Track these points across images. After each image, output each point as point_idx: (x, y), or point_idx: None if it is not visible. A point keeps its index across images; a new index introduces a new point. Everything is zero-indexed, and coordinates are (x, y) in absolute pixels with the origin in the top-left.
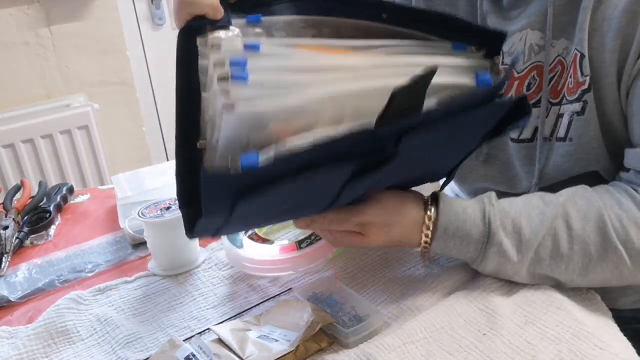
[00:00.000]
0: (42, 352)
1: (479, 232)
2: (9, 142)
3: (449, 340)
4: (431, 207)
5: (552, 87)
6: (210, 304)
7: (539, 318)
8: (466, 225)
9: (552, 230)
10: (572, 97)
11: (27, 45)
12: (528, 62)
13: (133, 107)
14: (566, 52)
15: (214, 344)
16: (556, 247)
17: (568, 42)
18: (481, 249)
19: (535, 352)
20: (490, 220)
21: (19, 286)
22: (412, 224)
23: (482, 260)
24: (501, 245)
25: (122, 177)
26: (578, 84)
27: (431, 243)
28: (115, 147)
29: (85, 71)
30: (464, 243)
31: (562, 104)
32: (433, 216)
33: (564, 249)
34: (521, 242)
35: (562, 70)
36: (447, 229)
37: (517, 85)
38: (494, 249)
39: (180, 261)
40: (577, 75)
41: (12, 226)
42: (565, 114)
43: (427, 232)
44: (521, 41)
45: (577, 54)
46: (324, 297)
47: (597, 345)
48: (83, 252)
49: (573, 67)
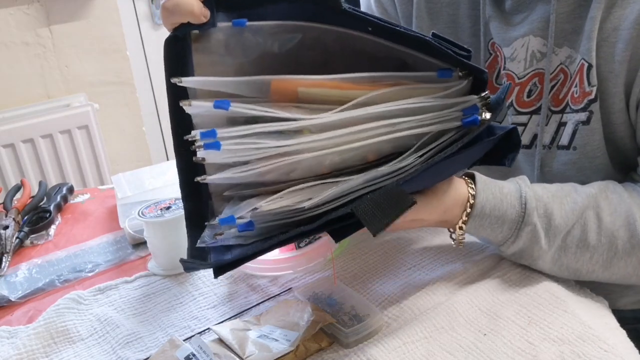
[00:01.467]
0: (42, 351)
1: (515, 213)
2: (9, 142)
3: (449, 340)
4: (471, 184)
5: (554, 95)
6: (211, 304)
7: (543, 319)
8: (503, 204)
9: (582, 219)
10: (578, 106)
11: (27, 45)
12: (530, 68)
13: (133, 107)
14: (569, 61)
15: (214, 343)
16: (584, 237)
17: (571, 51)
18: (515, 229)
19: (537, 352)
20: (527, 201)
21: (19, 286)
22: (460, 200)
23: (514, 241)
24: (535, 227)
25: (122, 177)
26: (584, 93)
27: (467, 222)
28: (115, 147)
29: (85, 71)
30: (499, 222)
31: (566, 112)
32: (473, 194)
33: (591, 239)
34: (550, 227)
35: (564, 79)
36: (484, 207)
37: (518, 91)
38: (528, 228)
39: None
40: (583, 85)
41: (12, 226)
42: (570, 123)
43: (467, 211)
44: (523, 47)
45: (585, 64)
46: (324, 297)
47: (601, 348)
48: (83, 252)
49: (579, 76)
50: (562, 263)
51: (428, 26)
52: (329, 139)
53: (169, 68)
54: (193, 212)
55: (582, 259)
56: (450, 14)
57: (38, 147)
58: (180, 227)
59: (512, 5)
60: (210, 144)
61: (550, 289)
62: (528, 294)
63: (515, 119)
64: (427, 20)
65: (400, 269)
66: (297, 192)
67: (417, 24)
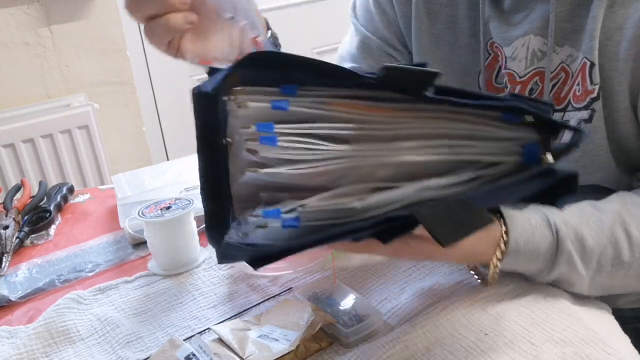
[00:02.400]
0: (43, 351)
1: (548, 242)
2: (9, 142)
3: (449, 339)
4: (502, 221)
5: (555, 93)
6: (211, 304)
7: (546, 321)
8: (535, 236)
9: (612, 238)
10: (580, 104)
11: (27, 45)
12: (530, 67)
13: (133, 106)
14: (570, 60)
15: (214, 343)
16: (617, 255)
17: (572, 50)
18: (550, 259)
19: (538, 352)
20: (558, 229)
21: (19, 286)
22: (491, 239)
23: (550, 272)
24: (570, 254)
25: (122, 177)
26: (587, 92)
27: (503, 259)
28: (116, 147)
29: (86, 71)
30: (534, 255)
31: (567, 110)
32: (505, 230)
33: (625, 256)
34: (585, 251)
35: (565, 78)
36: (518, 243)
37: (519, 90)
38: (563, 257)
39: (181, 261)
40: (585, 83)
41: (12, 226)
42: (572, 121)
43: (502, 248)
44: (524, 46)
45: (587, 62)
46: (324, 297)
47: (604, 351)
48: (83, 251)
49: (582, 75)
50: (597, 283)
51: (427, 26)
52: (388, 150)
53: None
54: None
55: (617, 276)
56: (449, 15)
57: (38, 147)
58: (180, 227)
59: (512, 4)
60: (267, 137)
61: (555, 292)
62: (532, 295)
63: None
64: (426, 20)
65: (400, 268)
66: (348, 193)
67: (416, 25)
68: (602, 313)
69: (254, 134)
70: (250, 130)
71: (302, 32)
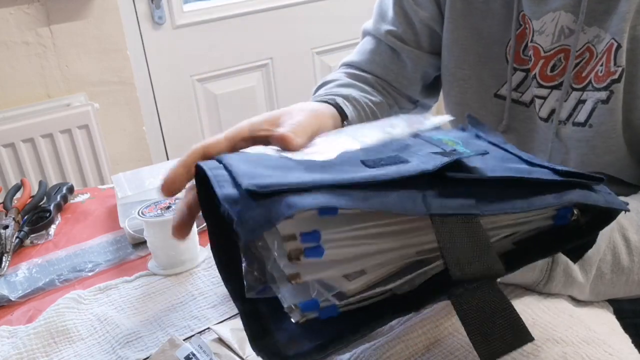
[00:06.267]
0: (42, 351)
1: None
2: (9, 142)
3: (449, 339)
4: None
5: (577, 72)
6: (211, 303)
7: (548, 322)
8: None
9: (611, 244)
10: (600, 85)
11: (27, 45)
12: (556, 43)
13: (133, 106)
14: (597, 40)
15: (214, 343)
16: (617, 261)
17: (600, 31)
18: (547, 270)
19: (539, 352)
20: None
21: (19, 285)
22: None
23: (547, 283)
24: (567, 264)
25: (122, 177)
26: (609, 73)
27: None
28: (116, 146)
29: (86, 70)
30: (530, 266)
31: (587, 90)
32: None
33: (624, 261)
34: (584, 258)
35: (589, 57)
36: None
37: (542, 64)
38: (560, 268)
39: (181, 260)
40: (609, 65)
41: (12, 225)
42: (589, 101)
43: None
44: (553, 22)
45: (614, 44)
46: None
47: (606, 351)
48: (83, 251)
49: (607, 56)
50: (599, 291)
51: None
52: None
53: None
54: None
55: (618, 283)
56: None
57: (38, 146)
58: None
59: None
60: (312, 249)
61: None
62: (533, 295)
63: (536, 91)
64: None
65: None
66: (380, 266)
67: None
68: (603, 313)
69: (298, 244)
70: (295, 239)
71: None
